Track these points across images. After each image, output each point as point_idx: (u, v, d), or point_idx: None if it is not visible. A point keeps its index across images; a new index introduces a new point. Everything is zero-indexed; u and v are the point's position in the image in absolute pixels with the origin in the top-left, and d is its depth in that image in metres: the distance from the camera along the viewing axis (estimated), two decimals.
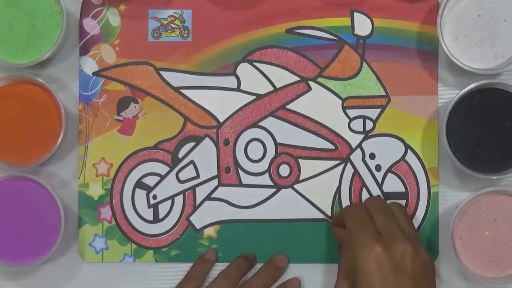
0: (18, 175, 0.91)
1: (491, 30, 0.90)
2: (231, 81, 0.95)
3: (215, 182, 0.95)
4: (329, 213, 0.95)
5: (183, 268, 0.95)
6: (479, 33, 0.90)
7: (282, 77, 0.95)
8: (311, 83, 0.95)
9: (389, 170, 0.95)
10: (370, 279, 0.81)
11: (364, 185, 0.95)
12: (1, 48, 0.92)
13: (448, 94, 0.94)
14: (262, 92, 0.95)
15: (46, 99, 0.91)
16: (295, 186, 0.95)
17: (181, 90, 0.95)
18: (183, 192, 0.95)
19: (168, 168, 0.95)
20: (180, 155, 0.95)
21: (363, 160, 0.95)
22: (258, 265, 0.95)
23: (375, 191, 0.95)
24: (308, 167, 0.95)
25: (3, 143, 0.92)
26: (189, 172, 0.95)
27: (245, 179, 0.95)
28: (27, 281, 0.96)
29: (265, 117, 0.95)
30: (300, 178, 0.95)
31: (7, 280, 0.96)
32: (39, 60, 0.90)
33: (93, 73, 0.96)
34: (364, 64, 0.94)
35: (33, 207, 0.92)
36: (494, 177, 0.89)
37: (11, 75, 0.91)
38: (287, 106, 0.95)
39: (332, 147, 0.95)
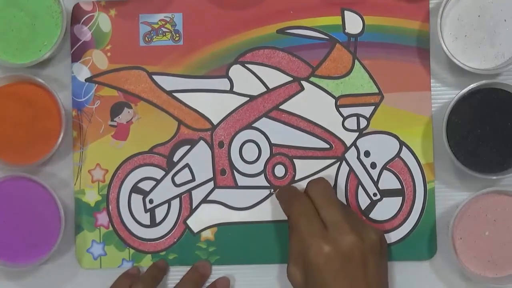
0: (18, 175, 0.86)
1: (491, 30, 0.85)
2: (223, 83, 0.89)
3: (211, 185, 0.89)
4: None
5: (181, 272, 0.89)
6: (479, 33, 0.86)
7: (275, 78, 0.89)
8: (303, 82, 0.89)
9: (384, 167, 0.88)
10: (322, 276, 0.78)
11: (359, 183, 0.89)
12: (1, 48, 0.87)
13: (448, 94, 0.88)
14: (255, 93, 0.89)
15: (46, 99, 0.86)
16: None
17: (174, 94, 0.89)
18: (179, 195, 0.89)
19: (164, 172, 0.89)
20: (175, 158, 0.89)
21: (358, 158, 0.88)
22: (257, 266, 0.89)
23: (371, 189, 0.88)
24: (303, 167, 0.89)
25: (3, 143, 0.87)
26: (184, 175, 0.89)
27: (241, 180, 0.89)
28: (26, 281, 0.90)
29: (259, 118, 0.89)
30: (296, 178, 0.89)
31: (7, 280, 0.90)
32: (39, 60, 0.86)
33: (86, 80, 0.90)
34: (356, 62, 0.89)
35: (33, 207, 0.87)
36: (494, 177, 0.84)
37: (11, 75, 0.86)
38: (280, 107, 0.89)
39: (327, 146, 0.89)
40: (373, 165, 0.88)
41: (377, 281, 0.80)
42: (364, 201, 0.88)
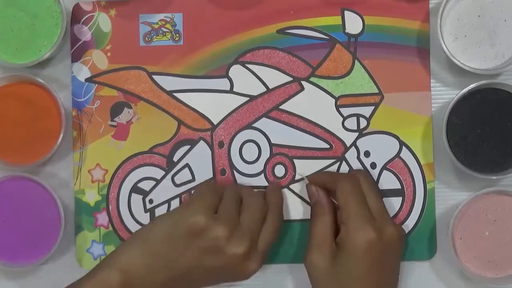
0: (18, 175, 0.86)
1: (491, 30, 0.85)
2: (223, 83, 0.88)
3: None
4: None
5: None
6: (479, 33, 0.85)
7: (275, 78, 0.88)
8: (303, 82, 0.88)
9: (384, 167, 0.88)
10: (357, 264, 0.79)
11: None
12: (1, 48, 0.87)
13: (448, 94, 0.87)
14: (255, 93, 0.88)
15: (46, 99, 0.86)
16: (291, 186, 0.88)
17: (174, 94, 0.89)
18: (179, 195, 0.89)
19: (164, 172, 0.89)
20: (175, 158, 0.88)
21: (358, 158, 0.88)
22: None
23: None
24: (303, 167, 0.88)
25: (3, 143, 0.87)
26: (184, 175, 0.88)
27: (241, 180, 0.89)
28: (26, 281, 0.90)
29: (259, 118, 0.88)
30: (296, 178, 0.88)
31: (7, 280, 0.90)
32: (39, 60, 0.85)
33: (86, 80, 0.89)
34: (356, 62, 0.88)
35: (33, 207, 0.86)
36: (494, 177, 0.83)
37: (11, 75, 0.86)
38: (280, 107, 0.88)
39: (327, 146, 0.88)
40: (373, 165, 0.87)
41: (398, 273, 0.82)
42: None
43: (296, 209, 0.88)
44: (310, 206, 0.85)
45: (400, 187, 0.87)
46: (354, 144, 0.87)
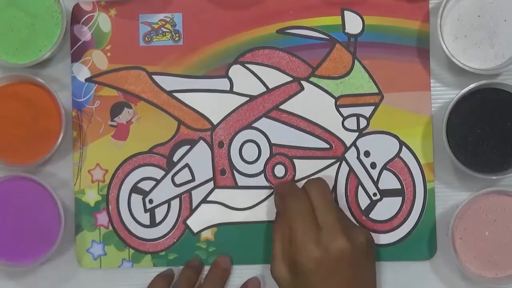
0: (18, 175, 0.86)
1: (491, 30, 0.85)
2: (223, 83, 0.88)
3: (210, 185, 0.88)
4: None
5: None
6: (479, 33, 0.85)
7: (275, 78, 0.88)
8: (303, 82, 0.88)
9: (384, 167, 0.87)
10: (311, 279, 0.78)
11: (359, 183, 0.88)
12: (1, 48, 0.86)
13: (448, 94, 0.87)
14: (255, 93, 0.88)
15: (46, 99, 0.86)
16: None
17: (174, 94, 0.88)
18: (179, 195, 0.88)
19: (164, 172, 0.88)
20: (175, 158, 0.88)
21: (358, 158, 0.88)
22: (257, 266, 0.88)
23: (371, 189, 0.88)
24: (303, 167, 0.88)
25: (3, 143, 0.86)
26: (184, 175, 0.88)
27: (241, 180, 0.88)
28: (26, 281, 0.90)
29: (259, 118, 0.88)
30: (296, 178, 0.88)
31: (7, 280, 0.90)
32: (39, 60, 0.85)
33: (86, 80, 0.89)
34: (356, 62, 0.88)
35: (33, 207, 0.86)
36: (494, 177, 0.83)
37: (11, 75, 0.86)
38: (280, 107, 0.88)
39: (327, 146, 0.88)
40: (373, 165, 0.87)
41: (365, 282, 0.80)
42: (364, 201, 0.87)
43: None
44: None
45: (400, 187, 0.87)
46: (354, 144, 0.87)
